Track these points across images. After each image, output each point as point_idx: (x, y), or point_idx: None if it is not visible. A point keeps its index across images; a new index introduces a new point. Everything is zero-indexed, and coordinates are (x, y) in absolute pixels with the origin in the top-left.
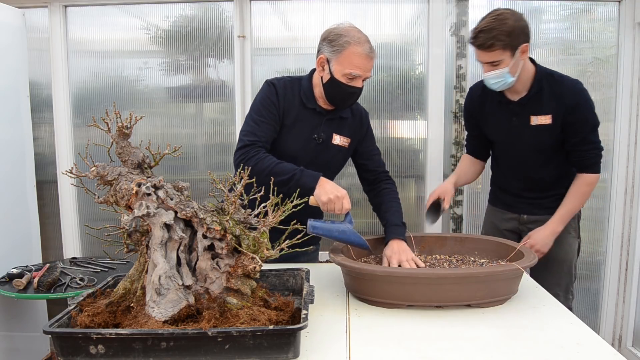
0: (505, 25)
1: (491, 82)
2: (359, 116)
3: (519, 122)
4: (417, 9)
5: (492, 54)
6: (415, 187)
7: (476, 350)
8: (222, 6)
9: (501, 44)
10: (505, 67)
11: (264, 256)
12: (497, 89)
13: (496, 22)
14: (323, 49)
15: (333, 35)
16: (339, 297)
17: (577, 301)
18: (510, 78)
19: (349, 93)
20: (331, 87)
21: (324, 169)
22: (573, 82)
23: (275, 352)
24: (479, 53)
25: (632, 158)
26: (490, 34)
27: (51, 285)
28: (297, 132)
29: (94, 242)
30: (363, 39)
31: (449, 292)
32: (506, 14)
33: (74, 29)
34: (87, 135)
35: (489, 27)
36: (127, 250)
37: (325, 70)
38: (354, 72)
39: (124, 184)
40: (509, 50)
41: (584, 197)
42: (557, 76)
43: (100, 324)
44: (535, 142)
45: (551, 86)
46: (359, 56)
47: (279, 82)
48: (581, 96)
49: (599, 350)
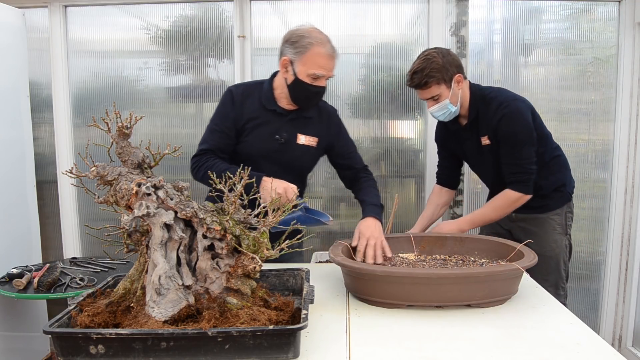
0: (433, 63)
1: (437, 115)
2: (326, 114)
3: (471, 145)
4: (417, 9)
5: (429, 90)
6: (415, 187)
7: (476, 350)
8: (222, 6)
9: (434, 80)
10: (445, 99)
11: (264, 256)
12: (444, 119)
13: (425, 62)
14: (286, 50)
15: (295, 37)
16: (339, 297)
17: (577, 301)
18: (454, 108)
19: (314, 93)
20: (296, 87)
21: (290, 169)
22: (499, 103)
23: (275, 352)
24: (419, 92)
25: (632, 158)
26: (422, 74)
27: (51, 285)
28: (258, 134)
29: (94, 242)
30: (325, 40)
31: (449, 292)
32: (432, 53)
33: (74, 29)
34: (87, 135)
35: (420, 68)
36: (127, 250)
37: (289, 71)
38: (318, 72)
39: (124, 184)
40: (443, 83)
41: (498, 210)
42: (488, 98)
43: (100, 324)
44: (490, 160)
45: (483, 109)
46: (322, 57)
47: (237, 88)
48: (502, 114)
49: (599, 350)
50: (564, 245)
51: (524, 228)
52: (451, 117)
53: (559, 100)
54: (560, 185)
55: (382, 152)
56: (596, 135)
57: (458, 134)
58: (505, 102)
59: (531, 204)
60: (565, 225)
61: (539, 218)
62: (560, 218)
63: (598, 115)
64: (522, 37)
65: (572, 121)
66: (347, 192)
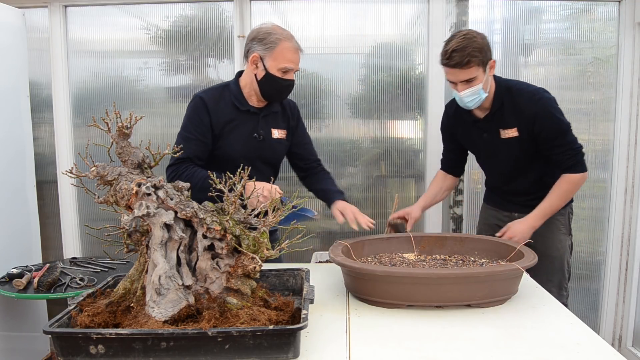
0: (476, 43)
1: (467, 100)
2: (288, 107)
3: (489, 137)
4: (417, 9)
5: (468, 71)
6: (415, 187)
7: (476, 350)
8: (222, 6)
9: (477, 60)
10: (480, 83)
11: (264, 256)
12: (472, 107)
13: (466, 40)
14: (254, 47)
15: (262, 34)
16: (339, 297)
17: (577, 301)
18: (484, 94)
19: (285, 86)
20: (267, 82)
21: (268, 163)
22: (530, 94)
23: (275, 352)
24: (454, 72)
25: (632, 158)
26: (464, 52)
27: (51, 285)
28: (237, 135)
29: (94, 242)
30: (290, 35)
31: (449, 292)
32: (472, 33)
33: (74, 29)
34: (87, 135)
35: (461, 46)
36: (127, 250)
37: (259, 67)
38: (288, 66)
39: (124, 184)
40: (481, 66)
41: (565, 195)
42: (516, 89)
43: (100, 324)
44: (509, 154)
45: (510, 100)
46: (290, 50)
47: (206, 93)
48: (539, 106)
49: (599, 350)
50: (568, 245)
51: None
52: (477, 104)
53: (559, 100)
54: None
55: (382, 152)
56: (596, 135)
57: (473, 125)
58: (537, 93)
59: (535, 204)
60: (568, 225)
61: None
62: (564, 218)
63: (598, 115)
64: (522, 37)
65: (572, 121)
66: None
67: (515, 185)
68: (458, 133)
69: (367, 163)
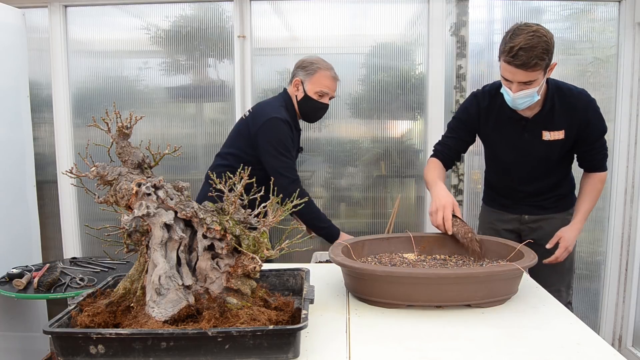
0: (545, 43)
1: (519, 101)
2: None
3: (530, 137)
4: (417, 9)
5: (533, 73)
6: (415, 187)
7: (476, 350)
8: (222, 6)
9: (543, 63)
10: (537, 86)
11: (264, 256)
12: (522, 108)
13: (536, 38)
14: (298, 74)
15: (306, 63)
16: (339, 297)
17: (577, 301)
18: (537, 97)
19: (319, 108)
20: (305, 103)
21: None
22: (582, 96)
23: (275, 352)
24: (515, 71)
25: (632, 158)
26: (532, 52)
27: (51, 285)
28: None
29: (94, 242)
30: (330, 66)
31: (449, 292)
32: (542, 30)
33: (74, 29)
34: (87, 135)
35: (530, 45)
36: (127, 250)
37: (300, 90)
38: (324, 90)
39: (124, 184)
40: (545, 69)
41: (599, 194)
42: (566, 89)
43: (100, 324)
44: (546, 155)
45: (562, 101)
46: (327, 78)
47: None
48: (591, 108)
49: (599, 350)
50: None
51: (537, 229)
52: (528, 105)
53: None
54: (574, 185)
55: (382, 152)
56: None
57: (516, 123)
58: (586, 94)
59: (547, 205)
60: None
61: (555, 218)
62: (572, 217)
63: None
64: None
65: None
66: (347, 192)
67: (533, 186)
68: (487, 127)
69: (367, 163)
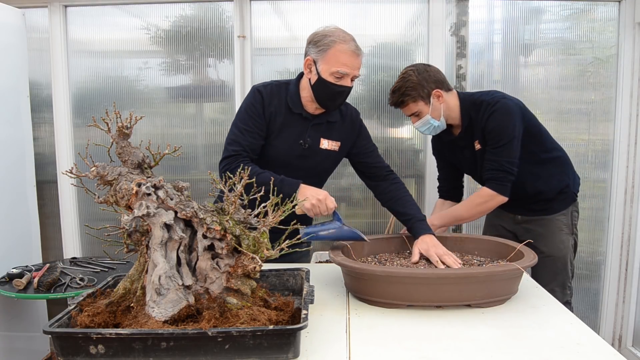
0: (408, 82)
1: (421, 130)
2: (349, 118)
3: (469, 153)
4: (417, 9)
5: (407, 108)
6: (415, 187)
7: (476, 350)
8: (222, 6)
9: (410, 98)
10: (426, 115)
11: (264, 256)
12: (430, 133)
13: (401, 81)
14: (309, 51)
15: (318, 37)
16: (339, 297)
17: (577, 301)
18: (436, 122)
19: (337, 92)
20: (319, 87)
21: (313, 173)
22: (488, 100)
23: (275, 352)
24: (401, 110)
25: (632, 158)
26: (399, 92)
27: (51, 285)
28: (284, 137)
29: (94, 242)
30: (348, 38)
31: (449, 292)
32: (409, 71)
33: (74, 29)
34: (87, 135)
35: (397, 87)
36: (127, 250)
37: (313, 71)
38: (341, 70)
39: (124, 184)
40: (420, 100)
41: (472, 208)
42: (478, 101)
43: (100, 324)
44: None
45: (475, 112)
46: (345, 53)
47: (265, 88)
48: (493, 109)
49: (599, 350)
50: (571, 245)
51: (530, 230)
52: (437, 131)
53: (559, 100)
54: (564, 187)
55: (382, 152)
56: (596, 135)
57: (453, 144)
58: (493, 100)
59: (536, 207)
60: (571, 224)
61: (544, 219)
62: (566, 218)
63: (598, 115)
64: (522, 37)
65: (572, 121)
66: (347, 192)
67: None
68: (445, 153)
69: None
